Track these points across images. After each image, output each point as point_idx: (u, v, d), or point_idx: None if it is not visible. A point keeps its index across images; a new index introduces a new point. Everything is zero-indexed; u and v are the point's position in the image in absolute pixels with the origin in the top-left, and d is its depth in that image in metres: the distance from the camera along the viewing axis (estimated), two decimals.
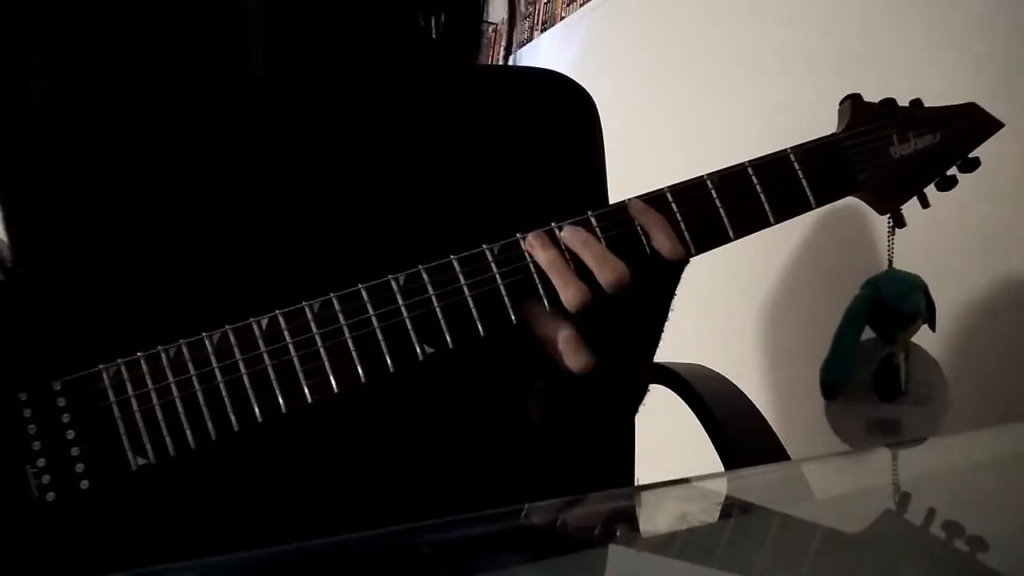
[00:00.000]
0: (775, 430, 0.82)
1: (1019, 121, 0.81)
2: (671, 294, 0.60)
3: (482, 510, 0.44)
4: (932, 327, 0.85)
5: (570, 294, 0.54)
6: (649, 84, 1.64)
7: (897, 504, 0.50)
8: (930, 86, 1.04)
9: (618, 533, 0.48)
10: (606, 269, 0.54)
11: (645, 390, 0.70)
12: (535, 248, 0.55)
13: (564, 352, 0.55)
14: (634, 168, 0.97)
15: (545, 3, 1.89)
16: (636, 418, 0.78)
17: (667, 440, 1.05)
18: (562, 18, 1.87)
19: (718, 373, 0.91)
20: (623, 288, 0.54)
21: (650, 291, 0.57)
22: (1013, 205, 0.97)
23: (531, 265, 0.55)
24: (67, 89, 0.59)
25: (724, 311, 1.39)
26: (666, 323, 0.62)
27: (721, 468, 0.80)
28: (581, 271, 0.55)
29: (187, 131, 0.60)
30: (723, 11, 1.44)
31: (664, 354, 0.67)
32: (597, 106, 0.75)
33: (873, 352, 0.83)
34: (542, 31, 1.86)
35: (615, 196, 0.72)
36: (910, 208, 0.65)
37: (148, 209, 0.59)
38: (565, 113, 0.72)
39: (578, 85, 0.74)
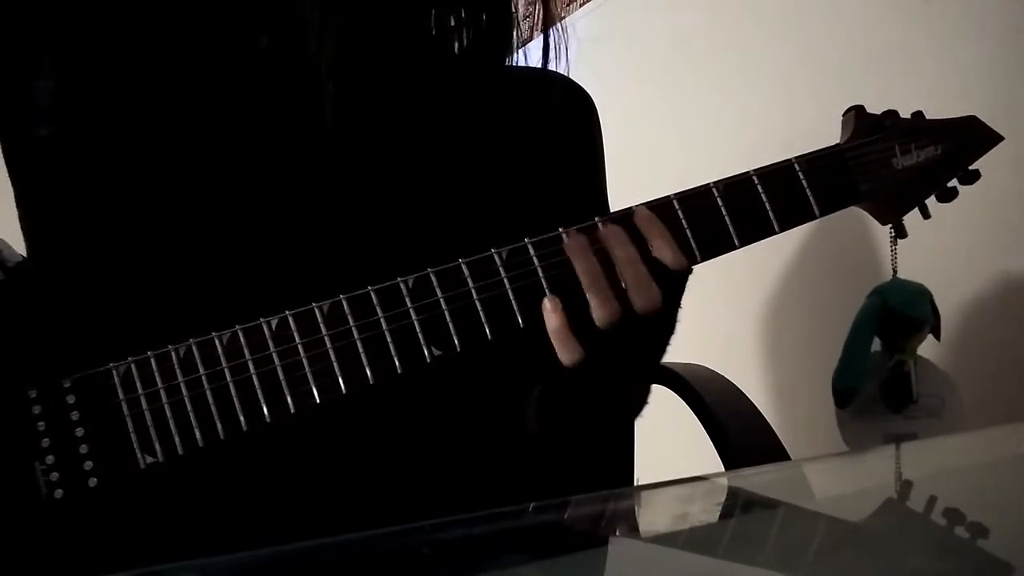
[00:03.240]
0: (775, 430, 0.82)
1: (1019, 128, 0.81)
2: (676, 305, 0.59)
3: (482, 510, 0.44)
4: (937, 336, 0.85)
5: (605, 312, 0.53)
6: (649, 84, 1.64)
7: (899, 498, 0.50)
8: (929, 89, 1.04)
9: (618, 533, 0.49)
10: (644, 295, 0.54)
11: (645, 400, 0.70)
12: (576, 255, 0.54)
13: (556, 343, 0.54)
14: (634, 169, 0.97)
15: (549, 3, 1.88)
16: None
17: (667, 440, 1.06)
18: (562, 18, 1.87)
19: (718, 373, 0.92)
20: (654, 314, 0.54)
21: None
22: (1013, 211, 0.97)
23: (539, 270, 0.55)
24: (75, 88, 0.60)
25: (725, 312, 1.39)
26: (672, 335, 0.61)
27: (721, 468, 0.80)
28: (612, 282, 0.54)
29: (198, 129, 0.60)
30: (723, 12, 1.44)
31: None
32: (597, 107, 0.75)
33: (881, 363, 0.83)
34: (543, 32, 1.85)
35: (615, 196, 0.72)
36: (911, 217, 0.65)
37: (159, 208, 0.59)
38: (565, 114, 0.72)
39: (578, 86, 0.74)
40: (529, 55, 0.74)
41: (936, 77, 1.05)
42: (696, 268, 0.60)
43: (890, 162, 0.62)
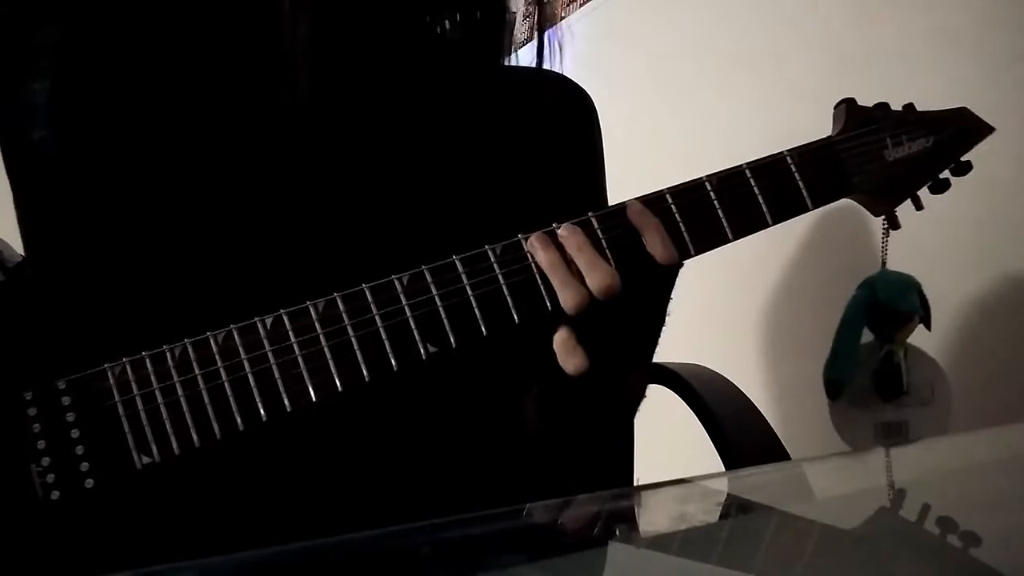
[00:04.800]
0: (775, 430, 0.82)
1: (1014, 121, 0.81)
2: (666, 298, 0.60)
3: (482, 510, 0.44)
4: (928, 326, 0.86)
5: (567, 296, 0.54)
6: (649, 84, 1.64)
7: (895, 503, 0.50)
8: (928, 86, 1.04)
9: (618, 533, 0.48)
10: (595, 275, 0.54)
11: (642, 395, 0.70)
12: (536, 249, 0.55)
13: (559, 353, 0.55)
14: (633, 168, 0.97)
15: (545, 3, 1.89)
16: (636, 418, 0.78)
17: (667, 440, 1.06)
18: (562, 18, 1.87)
19: (718, 373, 0.92)
20: (612, 295, 0.54)
21: (644, 294, 0.57)
22: (1007, 204, 0.97)
23: (533, 266, 0.55)
24: (69, 90, 0.59)
25: (724, 311, 1.39)
26: (663, 328, 0.62)
27: (721, 468, 0.80)
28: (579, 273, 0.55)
29: (192, 129, 0.60)
30: (722, 11, 1.44)
31: (664, 354, 0.67)
32: (596, 106, 0.75)
33: (872, 354, 0.84)
34: (538, 32, 1.85)
35: (614, 196, 0.72)
36: (904, 209, 0.65)
37: (153, 208, 0.59)
38: (559, 112, 0.72)
39: (573, 83, 0.74)
40: (524, 57, 0.74)
41: (935, 73, 1.05)
42: (696, 268, 0.59)
43: (881, 154, 0.62)
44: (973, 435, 0.75)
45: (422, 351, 0.53)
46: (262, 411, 0.51)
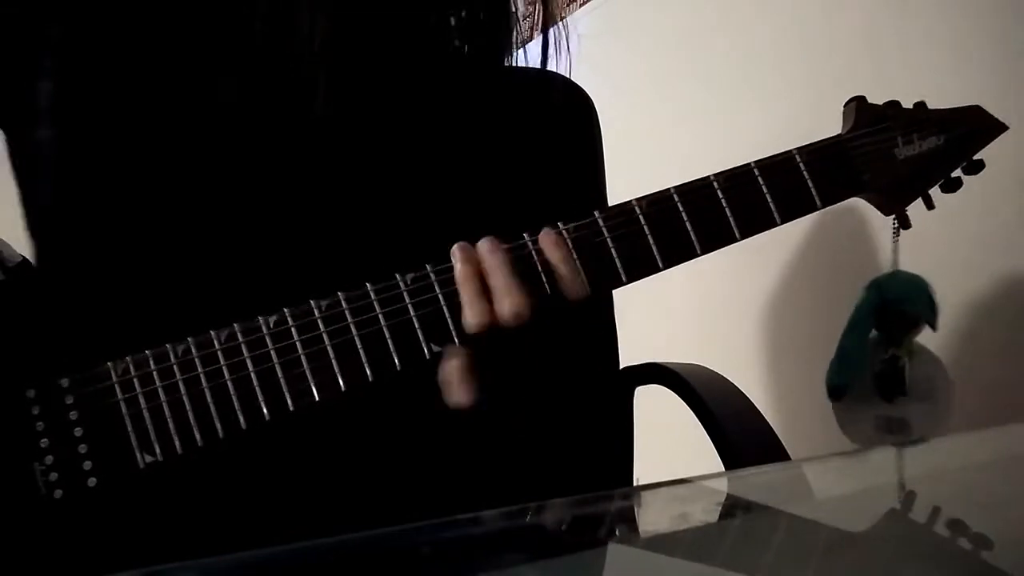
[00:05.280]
0: (775, 430, 0.82)
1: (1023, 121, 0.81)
2: (591, 332, 0.58)
3: (482, 510, 0.44)
4: (934, 327, 0.86)
5: (468, 314, 0.53)
6: (649, 84, 1.64)
7: (900, 504, 0.50)
8: (933, 86, 1.04)
9: (617, 533, 0.48)
10: (505, 300, 0.53)
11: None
12: (454, 259, 0.54)
13: (449, 382, 0.54)
14: (634, 168, 0.97)
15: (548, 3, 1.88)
16: (636, 418, 0.78)
17: (667, 440, 1.06)
18: (562, 18, 1.87)
19: (718, 373, 0.91)
20: (520, 323, 0.53)
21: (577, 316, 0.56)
22: (1016, 205, 0.97)
23: (538, 265, 0.55)
24: (74, 89, 0.60)
25: (724, 311, 1.39)
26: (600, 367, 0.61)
27: (721, 468, 0.80)
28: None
29: (196, 127, 0.60)
30: (723, 11, 1.44)
31: (664, 354, 0.67)
32: (596, 107, 0.75)
33: (877, 352, 0.83)
34: (542, 31, 1.85)
35: (615, 196, 0.72)
36: (914, 209, 0.65)
37: (157, 206, 0.59)
38: (565, 115, 0.72)
39: (578, 86, 0.74)
40: (529, 55, 0.74)
41: (941, 72, 1.05)
42: (696, 268, 0.60)
43: (892, 152, 0.62)
44: (974, 435, 0.75)
45: (426, 351, 0.53)
46: (265, 410, 0.52)
